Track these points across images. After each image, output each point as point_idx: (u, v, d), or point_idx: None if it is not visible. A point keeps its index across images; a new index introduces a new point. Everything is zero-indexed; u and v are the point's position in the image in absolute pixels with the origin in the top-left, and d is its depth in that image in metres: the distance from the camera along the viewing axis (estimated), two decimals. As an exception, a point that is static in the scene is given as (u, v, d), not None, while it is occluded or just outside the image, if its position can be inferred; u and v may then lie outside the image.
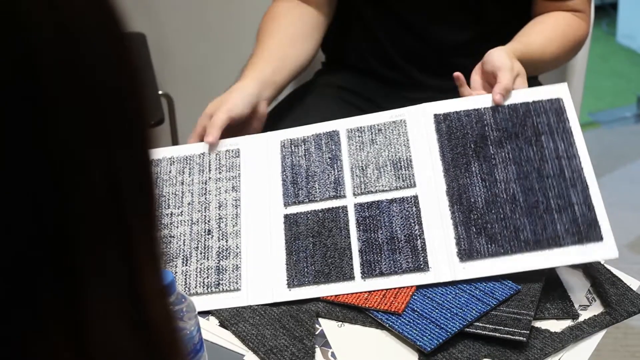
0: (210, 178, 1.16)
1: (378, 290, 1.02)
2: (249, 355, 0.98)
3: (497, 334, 0.96)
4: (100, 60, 0.36)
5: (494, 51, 1.19)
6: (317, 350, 0.98)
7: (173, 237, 1.10)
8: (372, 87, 1.48)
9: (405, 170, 1.09)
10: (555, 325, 0.99)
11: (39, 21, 0.34)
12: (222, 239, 1.09)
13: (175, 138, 2.00)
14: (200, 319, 0.94)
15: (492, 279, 1.03)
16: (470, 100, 1.15)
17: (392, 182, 1.09)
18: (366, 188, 1.09)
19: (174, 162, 1.18)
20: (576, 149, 1.08)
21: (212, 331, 1.01)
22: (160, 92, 1.93)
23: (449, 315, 0.97)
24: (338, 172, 1.12)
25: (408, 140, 1.12)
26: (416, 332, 0.97)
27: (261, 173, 1.15)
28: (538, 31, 1.31)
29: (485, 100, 1.13)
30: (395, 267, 1.03)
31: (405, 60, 1.45)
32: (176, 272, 1.06)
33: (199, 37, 2.02)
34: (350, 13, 1.45)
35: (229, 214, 1.12)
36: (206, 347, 0.93)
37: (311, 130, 1.18)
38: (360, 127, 1.16)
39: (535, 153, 1.07)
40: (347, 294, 1.03)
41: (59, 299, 0.36)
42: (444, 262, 1.02)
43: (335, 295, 1.03)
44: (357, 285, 1.03)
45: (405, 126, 1.14)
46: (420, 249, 1.04)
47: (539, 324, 0.99)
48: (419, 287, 1.02)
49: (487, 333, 0.96)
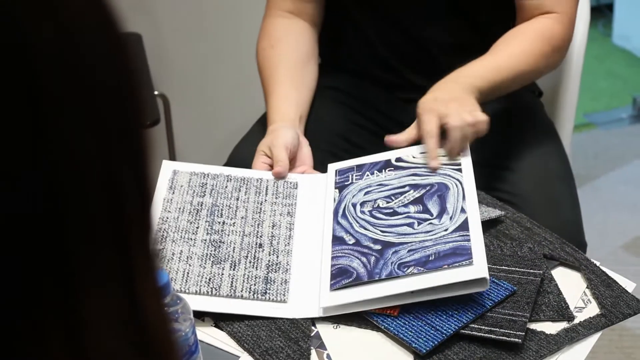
0: (266, 200, 1.17)
1: None
2: (245, 356, 0.98)
3: (492, 336, 0.96)
4: (99, 60, 0.37)
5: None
6: (313, 352, 0.98)
7: (223, 242, 1.10)
8: (368, 89, 1.48)
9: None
10: (550, 327, 0.99)
11: (38, 21, 0.34)
12: (272, 254, 1.08)
13: (170, 139, 2.00)
14: (195, 319, 0.94)
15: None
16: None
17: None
18: None
19: (230, 179, 1.19)
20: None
21: (207, 332, 1.01)
22: (156, 92, 1.93)
23: (445, 317, 0.97)
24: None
25: None
26: (412, 334, 0.97)
27: (317, 206, 1.16)
28: (500, 56, 1.29)
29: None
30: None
31: (399, 63, 1.45)
32: (223, 275, 1.05)
33: (195, 37, 2.02)
34: (342, 16, 1.45)
35: (281, 234, 1.12)
36: (201, 349, 0.93)
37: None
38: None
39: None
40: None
41: (55, 301, 0.36)
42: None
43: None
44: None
45: None
46: None
47: (534, 325, 0.99)
48: None
49: (482, 335, 0.96)
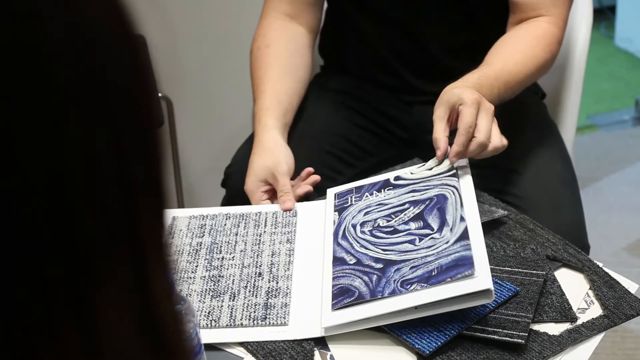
0: (265, 232, 1.17)
1: None
2: (248, 357, 0.98)
3: (495, 337, 0.96)
4: (113, 60, 0.37)
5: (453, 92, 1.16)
6: (316, 353, 0.98)
7: (222, 277, 1.10)
8: (370, 92, 1.48)
9: None
10: (553, 328, 0.99)
11: (53, 21, 0.34)
12: (272, 281, 1.08)
13: (174, 141, 2.00)
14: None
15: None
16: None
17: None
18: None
19: (229, 217, 1.20)
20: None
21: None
22: (159, 94, 1.93)
23: (448, 318, 0.97)
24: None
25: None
26: (415, 335, 0.97)
27: (317, 231, 1.16)
28: (503, 65, 1.27)
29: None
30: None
31: (400, 65, 1.45)
32: (222, 307, 1.05)
33: (199, 40, 2.02)
34: (343, 20, 1.46)
35: (281, 261, 1.12)
36: (205, 350, 0.93)
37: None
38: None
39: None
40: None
41: (69, 298, 0.36)
42: None
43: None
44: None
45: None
46: None
47: (537, 326, 0.99)
48: None
49: (485, 336, 0.96)
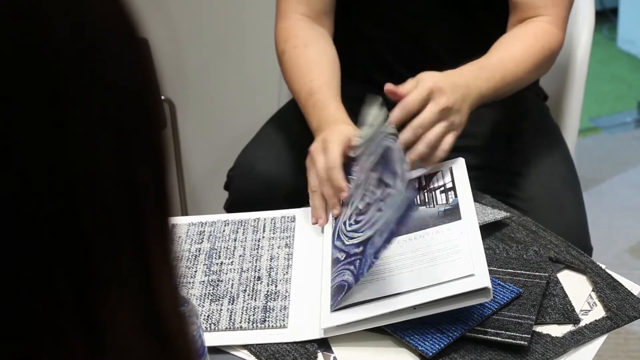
0: (263, 237, 1.18)
1: None
2: (252, 359, 0.98)
3: (498, 339, 0.96)
4: (119, 62, 0.37)
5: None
6: (319, 355, 0.98)
7: (221, 281, 1.10)
8: (374, 95, 1.48)
9: None
10: (556, 330, 0.99)
11: (58, 23, 0.35)
12: (271, 284, 1.08)
13: (177, 144, 2.00)
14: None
15: (493, 283, 1.03)
16: None
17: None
18: None
19: (228, 224, 1.21)
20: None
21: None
22: (162, 97, 1.94)
23: (451, 320, 0.98)
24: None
25: None
26: (418, 337, 0.97)
27: (315, 235, 1.16)
28: (500, 61, 1.27)
29: None
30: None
31: (404, 69, 1.45)
32: (221, 310, 1.05)
33: (201, 42, 2.03)
34: (347, 25, 1.46)
35: (280, 264, 1.12)
36: (208, 352, 0.93)
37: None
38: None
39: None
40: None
41: (74, 302, 0.36)
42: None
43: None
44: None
45: None
46: None
47: (540, 328, 0.99)
48: None
49: (488, 337, 0.96)
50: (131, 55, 0.38)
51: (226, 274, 1.11)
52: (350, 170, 1.16)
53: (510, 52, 1.28)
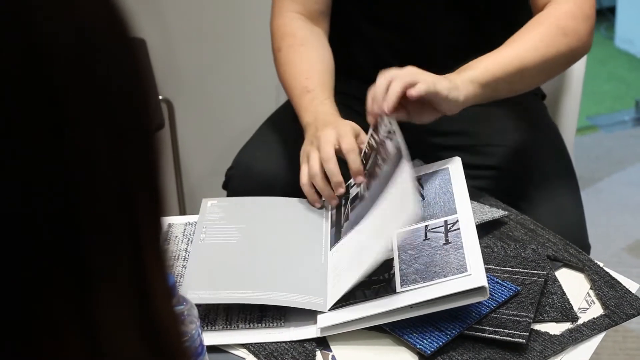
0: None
1: None
2: (250, 358, 0.98)
3: (496, 336, 0.96)
4: (112, 63, 0.37)
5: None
6: (318, 354, 0.98)
7: None
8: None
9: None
10: (554, 328, 1.00)
11: (52, 25, 0.35)
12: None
13: (175, 143, 2.00)
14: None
15: (492, 281, 1.03)
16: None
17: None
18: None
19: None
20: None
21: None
22: (160, 97, 1.94)
23: (449, 318, 0.98)
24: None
25: None
26: (416, 335, 0.97)
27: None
28: (506, 48, 1.24)
29: None
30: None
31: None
32: (218, 310, 1.05)
33: (199, 42, 2.03)
34: (346, 24, 1.46)
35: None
36: (207, 351, 0.93)
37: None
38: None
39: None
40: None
41: (70, 302, 0.37)
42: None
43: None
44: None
45: None
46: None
47: (538, 326, 1.00)
48: None
49: (486, 335, 0.97)
50: (125, 57, 0.38)
51: None
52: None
53: (520, 40, 1.24)
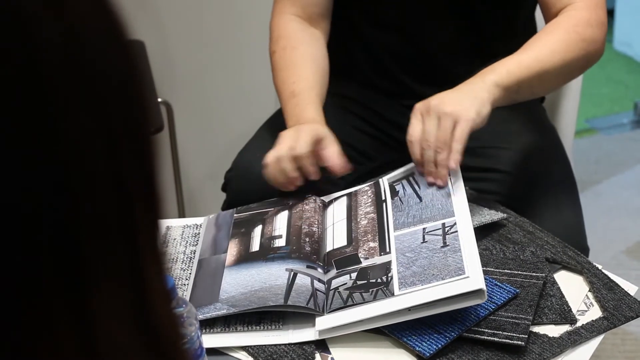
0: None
1: None
2: (249, 360, 0.99)
3: (495, 339, 0.96)
4: (106, 63, 0.37)
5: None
6: (317, 356, 0.98)
7: None
8: (370, 96, 1.49)
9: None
10: (553, 330, 1.00)
11: (47, 27, 0.35)
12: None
13: (174, 146, 2.00)
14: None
15: (490, 283, 1.04)
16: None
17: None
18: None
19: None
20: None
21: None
22: (159, 99, 1.94)
23: (448, 320, 0.98)
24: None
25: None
26: (415, 337, 0.97)
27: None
28: (524, 52, 1.23)
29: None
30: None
31: (401, 70, 1.45)
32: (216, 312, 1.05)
33: (198, 44, 2.03)
34: (345, 24, 1.46)
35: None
36: (207, 353, 0.93)
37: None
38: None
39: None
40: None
41: (67, 304, 0.37)
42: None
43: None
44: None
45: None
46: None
47: (537, 328, 1.00)
48: None
49: (485, 338, 0.97)
50: (121, 58, 0.38)
51: None
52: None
53: (537, 44, 1.23)
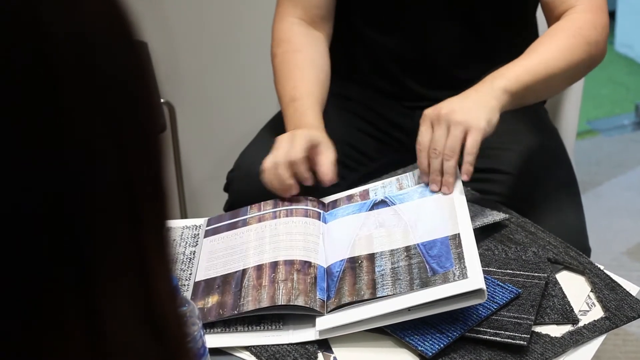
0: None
1: None
2: (252, 360, 0.99)
3: (497, 339, 0.97)
4: (115, 62, 0.37)
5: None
6: (319, 356, 0.98)
7: None
8: (372, 97, 1.49)
9: None
10: (555, 330, 1.00)
11: (55, 25, 0.35)
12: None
13: (176, 146, 2.01)
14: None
15: (492, 283, 1.04)
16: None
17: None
18: None
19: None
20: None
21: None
22: (162, 100, 1.94)
23: (450, 320, 0.98)
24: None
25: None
26: (417, 337, 0.97)
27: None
28: (530, 56, 1.23)
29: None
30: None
31: (402, 72, 1.45)
32: None
33: (201, 45, 2.03)
34: (346, 26, 1.46)
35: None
36: (209, 353, 0.93)
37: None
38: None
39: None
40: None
41: (74, 301, 0.37)
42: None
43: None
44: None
45: None
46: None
47: (539, 328, 1.00)
48: None
49: (487, 338, 0.97)
50: (128, 58, 0.38)
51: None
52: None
53: (542, 48, 1.24)
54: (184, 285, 1.10)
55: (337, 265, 1.08)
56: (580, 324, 1.01)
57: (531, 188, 1.32)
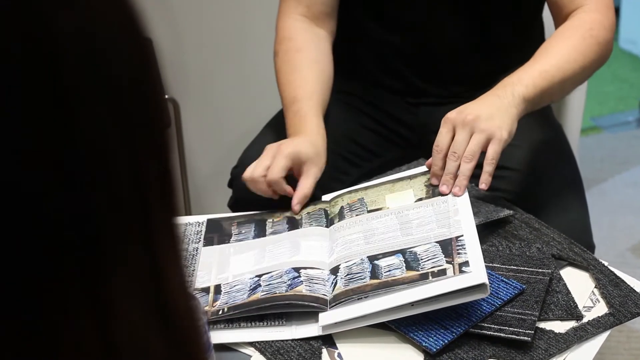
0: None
1: None
2: (256, 356, 0.99)
3: (501, 334, 0.97)
4: (121, 58, 0.38)
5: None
6: (324, 351, 0.99)
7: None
8: (376, 93, 1.49)
9: None
10: (559, 326, 1.00)
11: (64, 22, 0.35)
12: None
13: (180, 143, 2.01)
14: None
15: (497, 279, 1.04)
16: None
17: None
18: None
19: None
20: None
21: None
22: (166, 96, 1.94)
23: (454, 316, 0.98)
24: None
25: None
26: (422, 333, 0.97)
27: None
28: (545, 60, 1.23)
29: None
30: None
31: (406, 68, 1.45)
32: (219, 310, 1.05)
33: (205, 42, 2.03)
34: (352, 25, 1.46)
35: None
36: (214, 348, 0.93)
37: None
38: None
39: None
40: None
41: (85, 292, 0.37)
42: None
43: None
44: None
45: None
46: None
47: (543, 324, 1.00)
48: None
49: (492, 333, 0.97)
50: (136, 54, 0.39)
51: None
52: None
53: (556, 51, 1.24)
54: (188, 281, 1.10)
55: (337, 263, 1.08)
56: (585, 320, 1.01)
57: (536, 184, 1.32)
